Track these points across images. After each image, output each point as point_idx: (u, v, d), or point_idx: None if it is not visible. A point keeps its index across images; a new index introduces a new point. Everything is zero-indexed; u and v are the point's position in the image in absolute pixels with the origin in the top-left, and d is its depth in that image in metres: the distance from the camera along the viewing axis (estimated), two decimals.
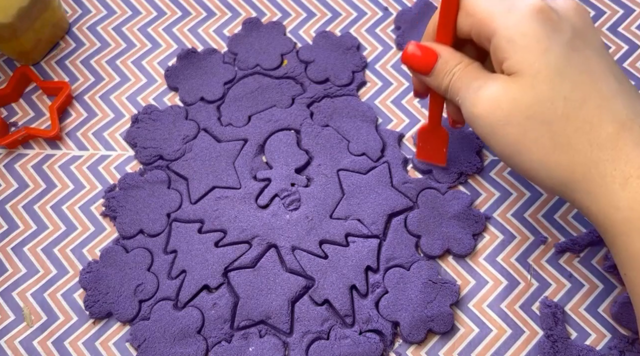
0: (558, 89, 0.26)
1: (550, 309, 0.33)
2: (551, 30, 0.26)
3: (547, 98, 0.26)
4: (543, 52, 0.26)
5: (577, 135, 0.26)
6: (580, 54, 0.26)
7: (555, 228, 0.36)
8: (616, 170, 0.25)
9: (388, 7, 0.43)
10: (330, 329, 0.33)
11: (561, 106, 0.26)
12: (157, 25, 0.43)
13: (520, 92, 0.26)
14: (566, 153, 0.26)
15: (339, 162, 0.37)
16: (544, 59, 0.26)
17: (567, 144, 0.26)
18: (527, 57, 0.26)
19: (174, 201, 0.37)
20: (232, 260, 0.35)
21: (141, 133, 0.39)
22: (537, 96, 0.26)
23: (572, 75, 0.26)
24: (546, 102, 0.26)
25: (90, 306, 0.34)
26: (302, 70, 0.40)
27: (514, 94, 0.26)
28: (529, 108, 0.26)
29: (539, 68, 0.26)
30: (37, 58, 0.41)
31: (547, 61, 0.26)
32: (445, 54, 0.29)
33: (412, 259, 0.35)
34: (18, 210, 0.37)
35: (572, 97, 0.26)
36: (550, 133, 0.26)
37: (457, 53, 0.30)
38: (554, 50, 0.26)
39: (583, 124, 0.26)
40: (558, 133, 0.26)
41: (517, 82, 0.26)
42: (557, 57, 0.26)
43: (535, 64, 0.26)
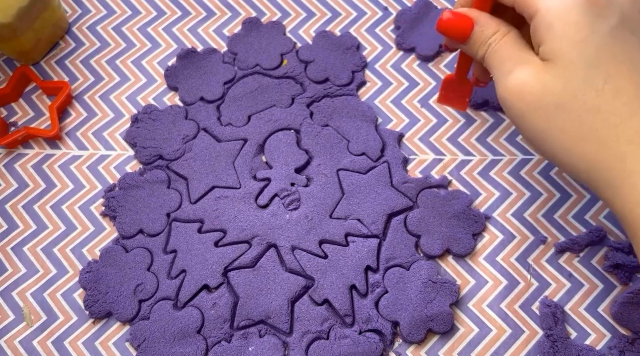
0: (591, 80, 0.26)
1: (550, 309, 0.33)
2: (595, 17, 0.26)
3: (578, 90, 0.26)
4: (580, 42, 0.26)
5: (605, 128, 0.25)
6: (624, 42, 0.26)
7: (555, 228, 0.36)
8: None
9: (388, 7, 0.43)
10: (330, 329, 0.33)
11: (592, 98, 0.26)
12: (157, 25, 0.43)
13: (552, 81, 0.26)
14: (592, 145, 0.26)
15: (339, 162, 0.38)
16: (580, 50, 0.26)
17: (595, 136, 0.26)
18: (563, 46, 0.26)
19: (174, 201, 0.37)
20: (232, 260, 0.35)
21: (141, 133, 0.39)
22: (569, 86, 0.26)
23: (608, 66, 0.26)
24: (577, 93, 0.26)
25: (90, 306, 0.34)
26: (302, 70, 0.40)
27: (546, 82, 0.26)
28: (559, 98, 0.26)
29: (573, 58, 0.26)
30: (37, 58, 0.41)
31: (583, 52, 0.26)
32: (482, 20, 0.29)
33: (412, 259, 0.35)
34: (18, 210, 0.37)
35: (605, 89, 0.25)
36: (578, 124, 0.26)
37: (495, 20, 0.29)
38: (593, 39, 0.25)
39: (613, 117, 0.25)
40: (586, 124, 0.26)
41: (550, 70, 0.26)
42: (595, 47, 0.25)
43: (570, 53, 0.26)
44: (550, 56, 0.26)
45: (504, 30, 0.29)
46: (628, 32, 0.26)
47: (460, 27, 0.29)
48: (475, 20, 0.29)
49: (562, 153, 0.27)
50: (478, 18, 0.29)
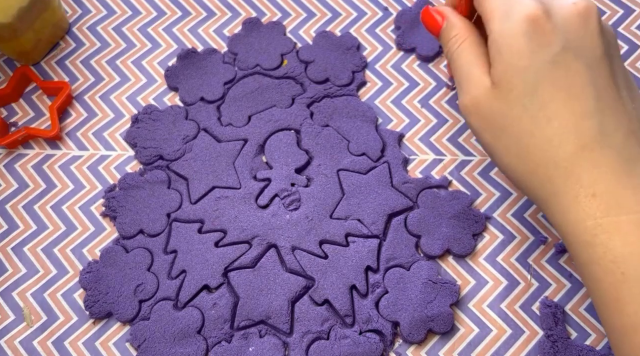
0: (527, 106, 0.27)
1: (550, 309, 0.33)
2: (537, 46, 0.27)
3: (516, 115, 0.28)
4: (521, 69, 0.27)
5: (538, 152, 0.27)
6: (564, 69, 0.27)
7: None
8: (567, 187, 0.27)
9: (388, 7, 0.43)
10: (330, 329, 0.33)
11: (528, 123, 0.28)
12: (157, 25, 0.43)
13: (497, 104, 0.28)
14: (528, 165, 0.28)
15: (339, 162, 0.37)
16: (521, 76, 0.27)
17: (530, 158, 0.28)
18: (507, 72, 0.28)
19: (174, 201, 0.37)
20: (232, 260, 0.35)
21: (141, 133, 0.39)
22: (509, 112, 0.28)
23: (545, 93, 0.27)
24: (515, 118, 0.28)
25: (90, 306, 0.34)
26: (302, 70, 0.40)
27: (492, 104, 0.29)
28: (502, 120, 0.28)
29: (514, 85, 0.27)
30: (37, 58, 0.41)
31: (523, 79, 0.27)
32: (451, 19, 0.31)
33: (412, 259, 0.35)
34: (18, 210, 0.37)
35: (539, 115, 0.27)
36: (517, 146, 0.28)
37: (462, 22, 0.31)
38: (533, 67, 0.27)
39: (545, 142, 0.27)
40: (523, 147, 0.28)
41: (496, 93, 0.28)
42: (535, 74, 0.27)
43: (511, 80, 0.28)
44: (497, 80, 0.28)
45: (464, 33, 0.30)
46: (571, 57, 0.27)
47: (433, 20, 0.32)
48: (447, 17, 0.31)
49: (507, 168, 0.29)
50: (449, 16, 0.31)
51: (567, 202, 0.27)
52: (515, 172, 0.29)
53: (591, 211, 0.26)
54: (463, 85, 0.30)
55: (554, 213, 0.28)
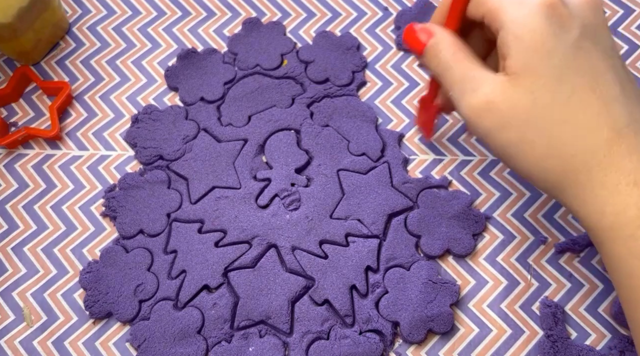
0: (558, 94, 0.26)
1: (550, 309, 0.33)
2: (559, 28, 0.26)
3: (545, 104, 0.26)
4: (546, 54, 0.26)
5: (572, 141, 0.26)
6: (586, 54, 0.26)
7: (555, 228, 0.36)
8: (606, 176, 0.25)
9: (388, 7, 0.43)
10: (330, 329, 0.33)
11: (559, 111, 0.26)
12: (157, 25, 0.43)
13: (519, 96, 0.26)
14: (560, 158, 0.26)
15: (339, 162, 0.37)
16: (547, 62, 0.26)
17: (562, 149, 0.26)
18: (530, 59, 0.26)
19: (174, 201, 0.37)
20: (232, 260, 0.35)
21: (141, 133, 0.39)
22: (536, 101, 0.26)
23: (573, 78, 0.26)
24: (545, 107, 0.26)
25: (90, 306, 0.34)
26: (302, 70, 0.40)
27: (512, 98, 0.26)
28: (526, 113, 0.26)
29: (540, 71, 0.26)
30: (37, 58, 0.41)
31: (550, 64, 0.26)
32: (438, 34, 0.29)
33: (412, 259, 0.35)
34: (18, 210, 0.37)
35: (571, 102, 0.26)
36: (546, 138, 0.26)
37: (454, 35, 0.29)
38: (558, 51, 0.26)
39: (579, 130, 0.26)
40: (554, 137, 0.26)
41: (517, 85, 0.26)
42: (561, 59, 0.26)
43: (537, 67, 0.26)
44: (517, 69, 0.26)
45: (457, 43, 0.29)
46: (590, 43, 0.26)
47: (416, 38, 0.30)
48: (433, 33, 0.29)
49: (532, 167, 0.27)
50: (435, 31, 0.29)
51: (605, 193, 0.25)
52: (542, 170, 0.27)
53: (633, 200, 0.24)
54: (467, 88, 0.28)
55: (589, 208, 0.26)
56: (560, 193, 0.27)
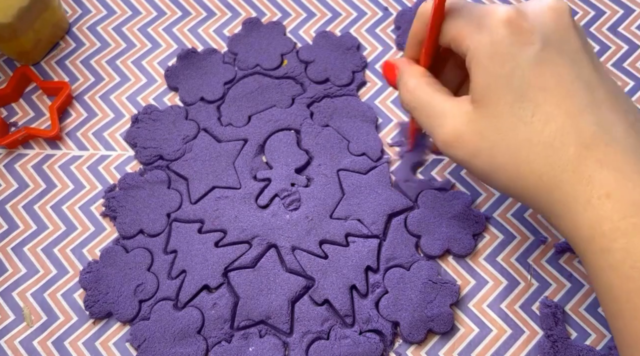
0: (520, 114, 0.26)
1: (550, 309, 0.33)
2: (518, 45, 0.25)
3: (509, 126, 0.26)
4: (506, 76, 0.25)
5: (539, 159, 0.25)
6: (551, 66, 0.25)
7: (555, 228, 0.36)
8: (577, 191, 0.25)
9: (388, 7, 0.43)
10: (330, 329, 0.33)
11: (523, 131, 0.26)
12: (157, 25, 0.43)
13: (484, 124, 0.26)
14: (530, 177, 0.26)
15: (339, 162, 0.37)
16: (507, 84, 0.25)
17: (531, 169, 0.26)
18: (491, 83, 0.26)
19: (174, 201, 0.37)
20: (232, 260, 0.35)
21: (141, 133, 0.39)
22: (500, 125, 0.26)
23: (536, 95, 0.25)
24: (509, 130, 0.26)
25: (90, 306, 0.34)
26: (302, 70, 0.40)
27: (478, 127, 0.26)
28: (493, 139, 0.26)
29: (500, 94, 0.26)
30: (37, 58, 0.41)
31: (509, 85, 0.25)
32: (402, 67, 0.30)
33: (412, 259, 0.35)
34: (18, 210, 0.37)
35: (534, 121, 0.25)
36: (514, 160, 0.26)
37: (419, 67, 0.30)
38: (518, 70, 0.25)
39: (545, 148, 0.25)
40: (521, 158, 0.26)
41: (481, 112, 0.26)
42: (522, 78, 0.25)
43: (497, 89, 0.26)
44: (480, 95, 0.26)
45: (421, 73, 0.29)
46: (554, 53, 0.26)
47: (388, 73, 0.31)
48: (398, 66, 0.30)
49: (507, 189, 0.27)
50: (400, 64, 0.30)
51: (579, 207, 0.25)
52: (518, 188, 0.27)
53: (607, 213, 0.24)
54: (436, 122, 0.28)
55: (565, 222, 0.26)
56: (538, 209, 0.27)
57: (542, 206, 0.27)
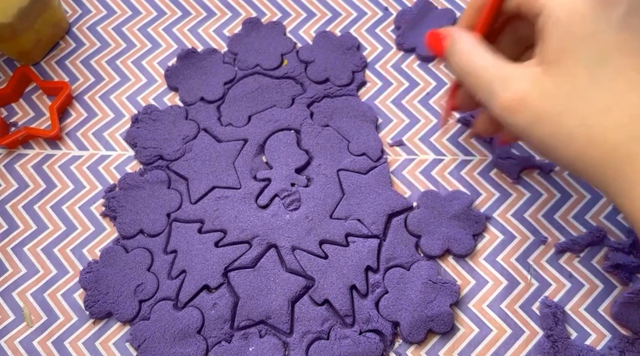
0: (599, 78, 0.23)
1: (550, 309, 0.33)
2: (602, 6, 0.23)
3: (585, 91, 0.24)
4: (586, 36, 0.23)
5: (615, 129, 0.23)
6: (635, 32, 0.23)
7: (555, 228, 0.36)
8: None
9: (388, 7, 0.43)
10: (330, 329, 0.33)
11: (599, 98, 0.23)
12: (157, 25, 0.43)
13: (554, 86, 0.24)
14: (601, 148, 0.24)
15: (339, 162, 0.38)
16: (587, 44, 0.24)
17: (603, 139, 0.24)
18: (568, 43, 0.24)
19: (174, 201, 0.37)
20: (232, 260, 0.35)
21: (141, 133, 0.39)
22: (574, 89, 0.24)
23: (617, 61, 0.23)
24: (584, 95, 0.24)
25: (90, 306, 0.34)
26: (302, 70, 0.40)
27: (547, 90, 0.24)
28: (565, 103, 0.24)
29: (579, 55, 0.24)
30: (37, 58, 0.41)
31: (590, 46, 0.23)
32: (454, 35, 0.28)
33: (412, 259, 0.35)
34: (18, 210, 0.37)
35: (615, 87, 0.23)
36: (586, 128, 0.24)
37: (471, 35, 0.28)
38: (600, 31, 0.23)
39: (622, 117, 0.23)
40: (595, 127, 0.24)
41: (552, 74, 0.24)
42: (603, 40, 0.23)
43: (575, 50, 0.24)
44: (553, 56, 0.24)
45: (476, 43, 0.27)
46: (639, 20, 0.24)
47: (434, 43, 0.29)
48: (450, 34, 0.29)
49: (571, 160, 0.25)
50: (451, 33, 0.29)
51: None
52: (582, 161, 0.24)
53: None
54: (497, 86, 0.26)
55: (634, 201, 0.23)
56: (603, 186, 0.25)
57: (609, 182, 0.24)
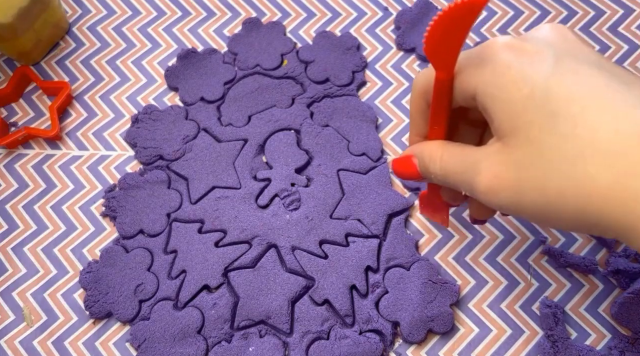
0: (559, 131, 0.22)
1: (550, 309, 0.33)
2: (529, 66, 0.23)
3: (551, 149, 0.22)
4: (528, 97, 0.22)
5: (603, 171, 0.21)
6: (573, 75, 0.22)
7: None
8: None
9: (388, 7, 0.43)
10: (330, 329, 0.33)
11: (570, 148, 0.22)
12: (157, 25, 0.43)
13: (520, 154, 0.23)
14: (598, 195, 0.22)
15: (339, 162, 0.38)
16: (532, 105, 0.22)
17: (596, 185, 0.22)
18: (513, 111, 0.23)
19: (174, 201, 0.37)
20: (232, 260, 0.35)
21: (141, 133, 0.39)
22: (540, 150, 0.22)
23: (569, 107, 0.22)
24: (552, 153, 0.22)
25: (90, 306, 0.34)
26: (302, 70, 0.40)
27: (514, 161, 0.23)
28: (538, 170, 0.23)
29: (529, 118, 0.22)
30: (37, 58, 0.41)
31: (536, 106, 0.22)
32: (417, 150, 0.27)
33: (412, 259, 0.35)
34: (18, 210, 0.37)
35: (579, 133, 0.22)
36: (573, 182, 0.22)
37: (430, 142, 0.27)
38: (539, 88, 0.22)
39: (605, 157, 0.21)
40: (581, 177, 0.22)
41: (513, 145, 0.23)
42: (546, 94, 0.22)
43: (524, 114, 0.23)
44: (507, 128, 0.23)
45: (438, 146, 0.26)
46: (572, 63, 0.23)
47: (404, 168, 0.28)
48: (414, 154, 0.27)
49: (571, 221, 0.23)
50: (413, 150, 0.28)
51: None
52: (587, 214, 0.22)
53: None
54: (469, 178, 0.25)
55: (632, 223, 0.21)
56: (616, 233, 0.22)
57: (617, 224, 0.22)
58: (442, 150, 0.26)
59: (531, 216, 0.24)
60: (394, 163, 0.29)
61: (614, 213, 0.22)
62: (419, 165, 0.27)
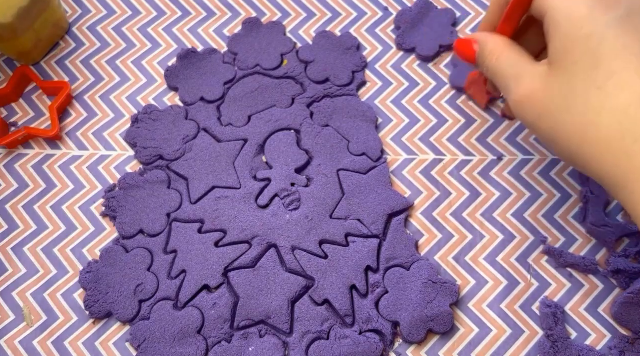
0: (594, 78, 0.24)
1: (550, 309, 0.33)
2: (601, 9, 0.25)
3: (581, 90, 0.25)
4: (583, 39, 0.25)
5: (610, 125, 0.24)
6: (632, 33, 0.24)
7: (555, 228, 0.36)
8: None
9: (388, 7, 0.43)
10: (330, 329, 0.33)
11: (595, 96, 0.24)
12: (157, 25, 0.43)
13: (557, 85, 0.26)
14: (599, 146, 0.25)
15: (339, 162, 0.37)
16: (583, 47, 0.25)
17: (599, 135, 0.24)
18: (567, 45, 0.25)
19: (174, 201, 0.37)
20: (232, 260, 0.35)
21: (141, 133, 0.39)
22: (573, 88, 0.25)
23: (613, 61, 0.24)
24: (580, 94, 0.25)
25: (90, 306, 0.34)
26: (302, 70, 0.40)
27: (550, 88, 0.26)
28: (564, 101, 0.25)
29: (576, 57, 0.25)
30: (37, 58, 0.41)
31: (586, 49, 0.25)
32: (481, 39, 0.30)
33: (412, 259, 0.35)
34: (18, 210, 0.37)
35: (609, 86, 0.24)
36: (583, 126, 0.25)
37: (500, 37, 0.30)
38: (597, 33, 0.24)
39: (617, 115, 0.24)
40: (591, 125, 0.25)
41: (555, 73, 0.26)
42: (599, 42, 0.24)
43: (573, 52, 0.25)
44: (556, 57, 0.26)
45: (501, 45, 0.29)
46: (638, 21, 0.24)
47: (464, 49, 0.31)
48: (477, 40, 0.30)
49: (571, 156, 0.26)
50: (479, 38, 0.30)
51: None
52: (582, 157, 0.25)
53: None
54: (511, 84, 0.28)
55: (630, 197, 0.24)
56: (603, 182, 0.26)
57: (608, 178, 0.25)
58: (503, 49, 0.29)
59: (541, 138, 0.28)
60: (458, 41, 0.32)
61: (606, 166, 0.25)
62: (479, 52, 0.30)
